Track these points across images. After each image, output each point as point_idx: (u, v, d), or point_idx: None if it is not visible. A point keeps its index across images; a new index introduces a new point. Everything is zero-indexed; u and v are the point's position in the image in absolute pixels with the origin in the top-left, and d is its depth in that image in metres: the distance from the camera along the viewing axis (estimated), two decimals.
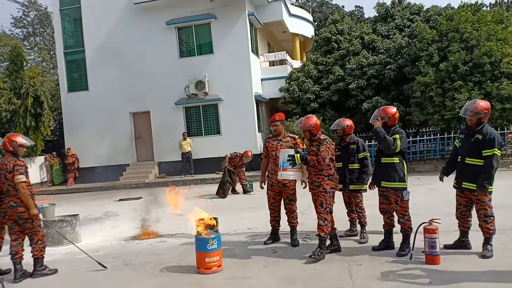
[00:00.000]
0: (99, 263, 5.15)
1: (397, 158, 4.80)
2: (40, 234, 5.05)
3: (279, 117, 5.70)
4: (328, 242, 4.94)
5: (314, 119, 4.96)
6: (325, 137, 4.91)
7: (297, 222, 5.59)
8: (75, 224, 6.72)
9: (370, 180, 5.29)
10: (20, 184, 4.85)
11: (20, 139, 5.14)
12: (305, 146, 5.70)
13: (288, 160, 4.95)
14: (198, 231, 4.73)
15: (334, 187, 4.89)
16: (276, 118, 5.69)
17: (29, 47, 34.49)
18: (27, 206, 4.91)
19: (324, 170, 4.82)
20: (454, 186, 4.80)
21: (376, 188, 5.08)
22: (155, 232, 6.96)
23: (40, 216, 7.86)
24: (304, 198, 5.13)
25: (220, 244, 4.73)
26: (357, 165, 5.59)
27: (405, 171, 4.83)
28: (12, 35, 34.02)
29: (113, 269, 5.09)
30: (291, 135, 5.79)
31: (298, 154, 4.92)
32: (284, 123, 5.72)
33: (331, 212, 4.81)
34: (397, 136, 4.73)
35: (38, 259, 5.01)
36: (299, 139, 5.97)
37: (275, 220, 5.70)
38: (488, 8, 15.38)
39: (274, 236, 5.73)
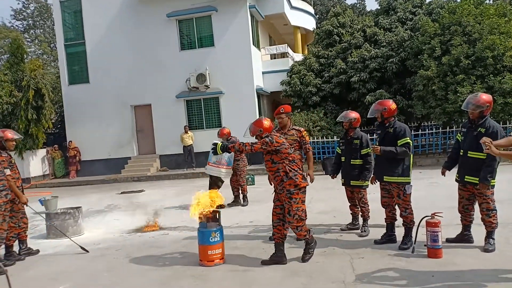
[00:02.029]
0: (81, 247, 5.59)
1: None
2: None
3: (284, 109, 5.48)
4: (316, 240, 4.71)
5: (262, 123, 4.58)
6: (271, 135, 4.50)
7: None
8: (77, 217, 6.73)
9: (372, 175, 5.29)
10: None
11: (8, 134, 5.45)
12: (310, 139, 5.55)
13: (211, 149, 4.52)
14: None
15: (299, 183, 4.44)
16: (281, 111, 5.48)
17: (29, 40, 34.37)
18: (16, 196, 5.30)
19: (280, 169, 4.44)
20: (456, 180, 4.79)
21: (378, 182, 5.07)
22: (158, 224, 6.97)
23: (43, 208, 7.95)
24: (307, 193, 5.08)
25: (222, 237, 4.74)
26: (359, 161, 5.55)
27: (410, 165, 4.83)
28: (12, 28, 33.92)
29: (116, 262, 5.11)
30: (297, 127, 5.66)
31: (220, 143, 4.47)
32: (289, 115, 5.56)
33: (302, 219, 4.46)
34: (407, 139, 4.71)
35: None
36: (305, 132, 5.70)
37: None
38: (491, 1, 15.25)
39: None
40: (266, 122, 4.60)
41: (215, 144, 4.53)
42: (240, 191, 8.32)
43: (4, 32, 30.27)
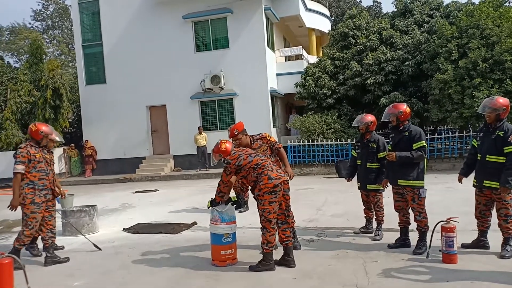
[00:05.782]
0: (95, 245, 5.65)
1: None
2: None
3: (237, 130, 5.23)
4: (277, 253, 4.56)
5: (219, 148, 4.53)
6: (226, 158, 4.51)
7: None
8: (93, 215, 6.83)
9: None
10: (14, 173, 4.96)
11: (54, 136, 5.51)
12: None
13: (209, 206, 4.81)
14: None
15: (262, 187, 4.33)
16: (235, 132, 5.23)
17: (48, 40, 35.04)
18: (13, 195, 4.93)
19: (250, 181, 4.48)
20: (473, 185, 4.72)
21: (390, 186, 5.02)
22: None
23: (58, 206, 8.07)
24: (320, 195, 5.07)
25: (235, 237, 4.77)
26: (376, 164, 5.49)
27: (424, 168, 4.78)
28: (32, 28, 34.61)
29: (129, 260, 5.18)
30: (258, 136, 5.38)
31: (208, 202, 4.78)
32: (245, 132, 5.29)
33: (268, 220, 4.33)
34: (423, 143, 4.70)
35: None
36: (267, 134, 5.45)
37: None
38: (511, 4, 15.00)
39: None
40: (223, 145, 4.56)
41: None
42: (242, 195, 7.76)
43: (25, 33, 30.96)
